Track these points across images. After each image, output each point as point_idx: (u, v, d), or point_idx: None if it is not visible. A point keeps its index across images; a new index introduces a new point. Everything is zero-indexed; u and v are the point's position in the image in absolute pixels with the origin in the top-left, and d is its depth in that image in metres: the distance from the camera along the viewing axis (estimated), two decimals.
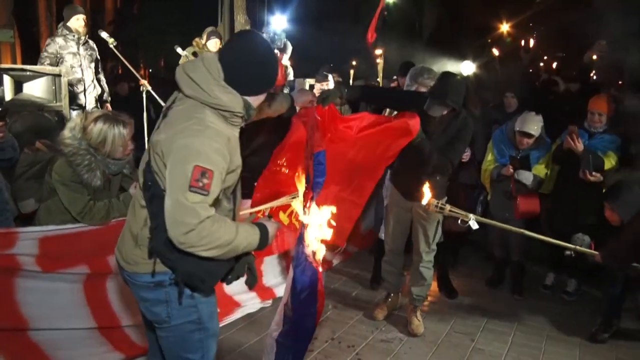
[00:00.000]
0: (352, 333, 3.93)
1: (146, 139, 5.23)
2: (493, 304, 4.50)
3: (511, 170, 4.46)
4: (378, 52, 8.34)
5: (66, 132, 3.14)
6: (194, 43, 6.59)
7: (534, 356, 3.73)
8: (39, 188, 3.35)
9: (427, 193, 3.35)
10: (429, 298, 4.40)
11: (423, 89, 3.75)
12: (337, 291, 4.65)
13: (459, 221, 3.31)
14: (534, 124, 4.45)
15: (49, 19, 13.94)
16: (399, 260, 4.20)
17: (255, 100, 2.14)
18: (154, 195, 2.04)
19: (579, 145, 4.15)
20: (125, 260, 2.19)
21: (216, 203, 2.04)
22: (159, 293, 2.14)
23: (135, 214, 2.19)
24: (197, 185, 1.89)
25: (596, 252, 3.36)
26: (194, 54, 6.29)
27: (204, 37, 6.50)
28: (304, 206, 2.58)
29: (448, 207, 3.32)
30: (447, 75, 3.54)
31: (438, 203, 3.32)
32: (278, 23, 7.30)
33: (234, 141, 2.09)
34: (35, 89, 4.79)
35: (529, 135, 4.45)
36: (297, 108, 2.84)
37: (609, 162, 4.17)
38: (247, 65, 2.05)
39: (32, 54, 8.85)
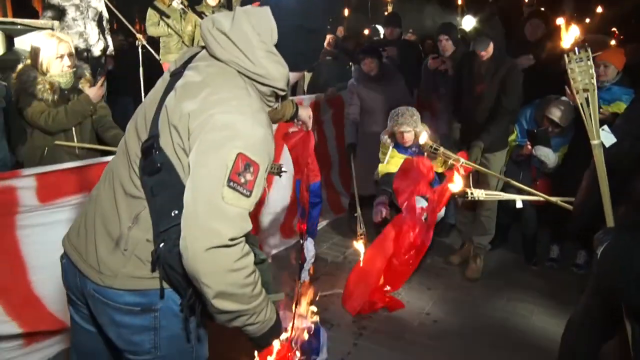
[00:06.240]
0: None
1: (143, 96, 5.11)
2: (490, 263, 4.46)
3: (529, 147, 4.13)
4: None
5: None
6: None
7: (528, 310, 3.78)
8: None
9: (423, 134, 3.63)
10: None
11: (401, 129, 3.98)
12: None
13: (448, 163, 3.61)
14: (566, 115, 4.03)
15: None
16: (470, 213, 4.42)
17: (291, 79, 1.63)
18: (164, 185, 1.48)
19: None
20: (91, 265, 1.58)
21: None
22: (145, 319, 1.56)
23: (116, 204, 1.57)
24: (238, 181, 1.36)
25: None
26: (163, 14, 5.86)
27: None
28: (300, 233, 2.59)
29: (442, 149, 3.49)
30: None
31: (432, 145, 3.49)
32: None
33: None
34: (28, 44, 4.65)
35: (557, 125, 4.07)
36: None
37: (617, 108, 3.80)
38: (303, 29, 1.53)
39: (24, 6, 8.59)
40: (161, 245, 1.45)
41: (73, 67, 3.36)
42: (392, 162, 4.13)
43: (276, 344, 1.77)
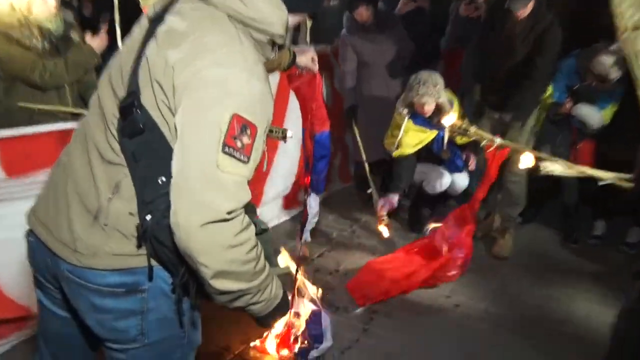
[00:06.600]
0: None
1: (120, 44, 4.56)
2: (521, 239, 4.16)
3: (568, 106, 3.78)
4: None
5: None
6: None
7: (568, 294, 3.50)
8: None
9: (451, 113, 3.57)
10: None
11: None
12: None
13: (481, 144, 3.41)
14: (615, 67, 3.56)
15: None
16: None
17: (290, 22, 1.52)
18: (148, 148, 1.34)
19: None
20: (65, 244, 1.43)
21: None
22: (130, 301, 1.43)
23: (92, 172, 1.41)
24: (235, 145, 1.24)
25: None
26: None
27: None
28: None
29: (473, 128, 3.38)
30: None
31: (462, 125, 3.42)
32: None
33: None
34: None
35: (603, 80, 3.64)
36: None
37: None
38: None
39: None
40: (147, 217, 1.33)
41: (59, 10, 3.03)
42: (406, 137, 3.82)
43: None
